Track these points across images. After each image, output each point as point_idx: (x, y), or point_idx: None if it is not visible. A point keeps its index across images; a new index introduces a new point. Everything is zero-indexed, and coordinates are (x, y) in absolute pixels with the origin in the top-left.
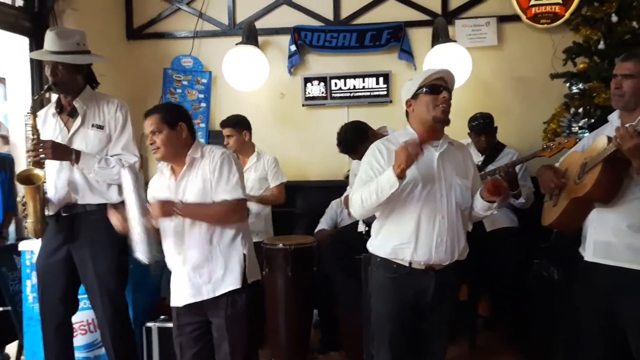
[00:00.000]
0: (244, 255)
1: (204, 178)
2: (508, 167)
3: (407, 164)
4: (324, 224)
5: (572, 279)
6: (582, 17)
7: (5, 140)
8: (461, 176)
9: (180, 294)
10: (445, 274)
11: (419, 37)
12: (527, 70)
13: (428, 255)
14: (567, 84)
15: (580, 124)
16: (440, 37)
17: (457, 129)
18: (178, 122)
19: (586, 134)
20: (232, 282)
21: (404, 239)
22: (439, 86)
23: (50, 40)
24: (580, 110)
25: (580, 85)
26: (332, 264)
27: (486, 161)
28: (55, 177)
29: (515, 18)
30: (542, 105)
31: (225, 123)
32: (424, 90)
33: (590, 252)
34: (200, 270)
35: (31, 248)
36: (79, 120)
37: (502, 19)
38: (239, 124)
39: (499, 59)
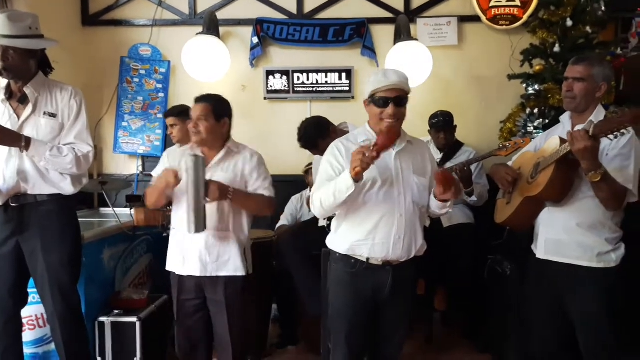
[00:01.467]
0: (249, 247)
1: (235, 172)
2: (463, 166)
3: (362, 168)
4: (284, 220)
5: (524, 274)
6: (539, 20)
7: None
8: (419, 174)
9: (187, 265)
10: (403, 269)
11: (382, 34)
12: (486, 70)
13: (386, 253)
14: (524, 85)
15: (535, 124)
16: (402, 35)
17: (418, 127)
18: (224, 117)
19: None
20: (234, 268)
21: (362, 236)
22: (386, 100)
23: (1, 23)
24: (536, 110)
25: (536, 87)
26: (292, 259)
27: (444, 159)
28: (3, 166)
29: (475, 19)
30: (500, 105)
31: (168, 113)
32: (373, 100)
33: (542, 250)
34: (211, 249)
35: None
36: (30, 107)
37: (463, 19)
38: (183, 112)
39: (459, 59)
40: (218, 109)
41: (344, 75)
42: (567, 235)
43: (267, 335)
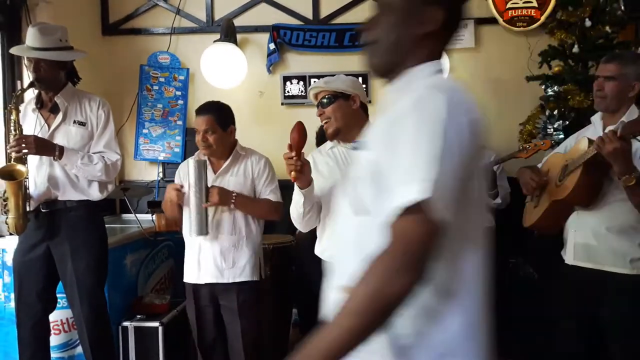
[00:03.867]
0: (261, 252)
1: (245, 175)
2: (485, 167)
3: (292, 170)
4: None
5: (552, 279)
6: (557, 21)
7: None
8: None
9: (202, 272)
10: None
11: None
12: (503, 72)
13: None
14: (543, 87)
15: (555, 126)
16: None
17: None
18: (229, 125)
19: (561, 136)
20: (249, 274)
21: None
22: (317, 105)
23: (32, 36)
24: (555, 112)
25: (555, 88)
26: (311, 263)
27: None
28: (35, 173)
29: (492, 21)
30: (518, 107)
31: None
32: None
33: (570, 255)
34: (226, 255)
35: (4, 246)
36: (60, 116)
37: (480, 22)
38: None
39: (476, 61)
40: (222, 118)
41: (360, 80)
42: (596, 240)
43: (287, 340)
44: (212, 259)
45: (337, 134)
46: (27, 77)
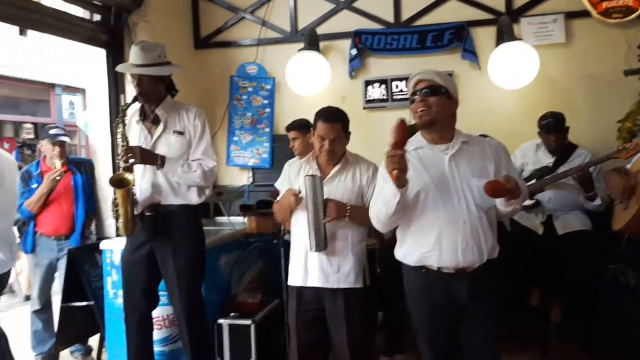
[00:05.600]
0: (365, 258)
1: (354, 182)
2: (582, 169)
3: (394, 168)
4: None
5: None
6: None
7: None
8: (478, 176)
9: (309, 276)
10: (478, 275)
11: (483, 36)
12: (598, 67)
13: (456, 261)
14: None
15: None
16: (504, 35)
17: (525, 129)
18: (348, 131)
19: None
20: (353, 280)
21: (428, 247)
22: (414, 92)
23: (135, 54)
24: None
25: None
26: (397, 266)
27: (557, 162)
28: (140, 180)
29: (584, 14)
30: (615, 103)
31: (290, 127)
32: (410, 100)
33: None
34: (332, 260)
35: (111, 247)
36: (161, 126)
37: (570, 15)
38: (304, 126)
39: (567, 57)
40: (346, 125)
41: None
42: None
43: (374, 344)
44: (318, 263)
45: (432, 125)
46: (130, 91)
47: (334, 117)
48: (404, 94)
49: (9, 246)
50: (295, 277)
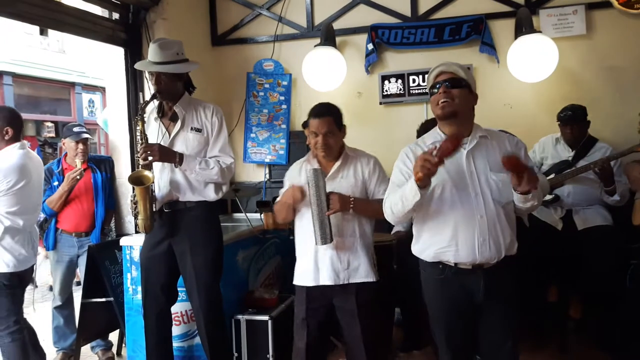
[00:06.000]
0: (373, 252)
1: (356, 177)
2: (603, 163)
3: (424, 174)
4: (399, 225)
5: None
6: None
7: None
8: (495, 170)
9: (320, 275)
10: (496, 271)
11: (501, 29)
12: (619, 59)
13: (473, 256)
14: None
15: None
16: (524, 28)
17: (544, 122)
18: (342, 125)
19: None
20: (364, 274)
21: (444, 243)
22: (435, 84)
23: (153, 51)
24: None
25: None
26: (413, 262)
27: (577, 156)
28: (158, 177)
29: (605, 4)
30: (637, 96)
31: (306, 123)
32: (430, 92)
33: None
34: (341, 256)
35: (131, 243)
36: (179, 124)
37: (591, 6)
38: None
39: (588, 49)
40: (339, 119)
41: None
42: None
43: (391, 340)
44: (329, 261)
45: (454, 116)
46: (148, 88)
47: (324, 111)
48: (421, 89)
49: (31, 243)
50: (305, 278)
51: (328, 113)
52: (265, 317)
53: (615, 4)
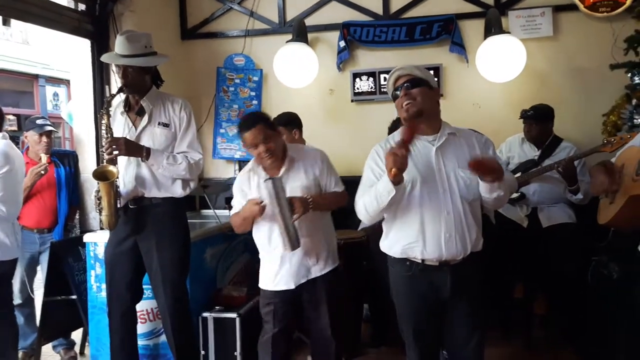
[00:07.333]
0: (334, 233)
1: (307, 177)
2: (566, 163)
3: (397, 167)
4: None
5: (633, 278)
6: None
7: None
8: (464, 167)
9: (291, 277)
10: (462, 268)
11: (471, 29)
12: (585, 61)
13: (439, 252)
14: (629, 75)
15: None
16: (493, 28)
17: (512, 122)
18: (275, 128)
19: None
20: (332, 262)
21: (412, 238)
22: (396, 88)
23: (120, 44)
24: None
25: None
26: (382, 258)
27: (543, 155)
28: (123, 173)
29: (572, 7)
30: (601, 97)
31: (276, 122)
32: (392, 96)
33: None
34: (310, 253)
35: (95, 240)
36: (146, 118)
37: (558, 9)
38: (290, 122)
39: (555, 50)
40: (268, 122)
41: (431, 72)
42: None
43: (359, 335)
44: (299, 261)
45: (420, 115)
46: (115, 82)
47: (251, 122)
48: None
49: (14, 234)
50: (276, 282)
51: (256, 121)
52: (233, 315)
53: (581, 7)
